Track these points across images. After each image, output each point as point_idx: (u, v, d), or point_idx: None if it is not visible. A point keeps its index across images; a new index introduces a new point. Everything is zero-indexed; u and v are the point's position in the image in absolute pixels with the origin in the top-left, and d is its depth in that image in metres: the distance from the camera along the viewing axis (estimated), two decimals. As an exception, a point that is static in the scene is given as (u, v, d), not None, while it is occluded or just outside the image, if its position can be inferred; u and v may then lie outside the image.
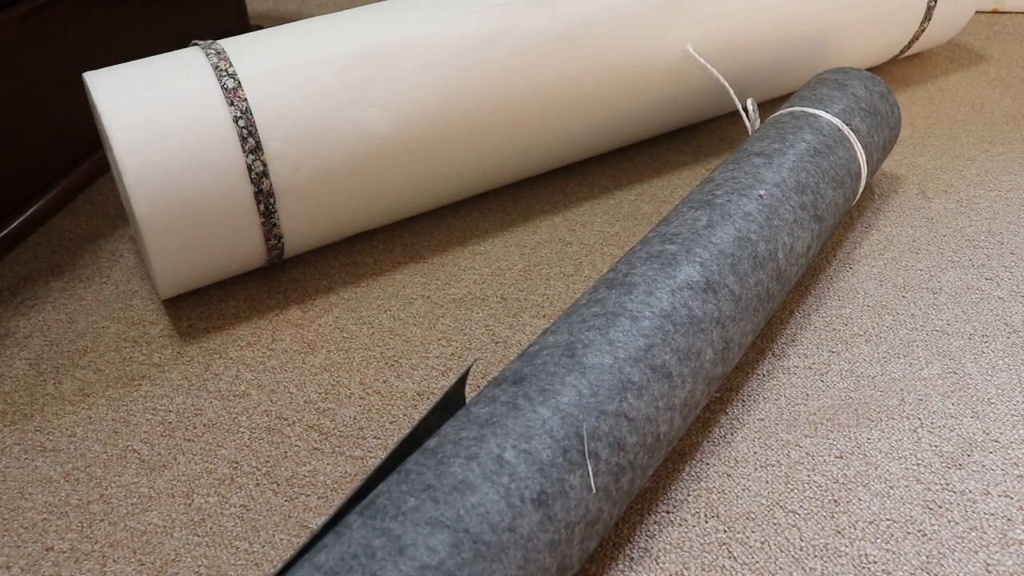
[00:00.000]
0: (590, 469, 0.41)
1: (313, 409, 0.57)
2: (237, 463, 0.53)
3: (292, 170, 0.60)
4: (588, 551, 0.42)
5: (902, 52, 0.93)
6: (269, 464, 0.53)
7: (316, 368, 0.60)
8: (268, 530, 0.49)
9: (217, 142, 0.57)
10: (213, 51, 0.60)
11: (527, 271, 0.69)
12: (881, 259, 0.68)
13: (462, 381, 0.45)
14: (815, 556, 0.46)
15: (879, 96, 0.70)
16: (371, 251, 0.72)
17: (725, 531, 0.48)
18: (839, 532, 0.47)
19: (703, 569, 0.46)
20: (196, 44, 0.62)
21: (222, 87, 0.58)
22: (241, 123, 0.58)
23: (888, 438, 0.53)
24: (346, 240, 0.73)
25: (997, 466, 0.51)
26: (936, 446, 0.52)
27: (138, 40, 0.86)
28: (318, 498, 0.51)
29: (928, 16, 0.88)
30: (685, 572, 0.46)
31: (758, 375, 0.58)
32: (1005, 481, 0.50)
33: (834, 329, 0.61)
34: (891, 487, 0.50)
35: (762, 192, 0.56)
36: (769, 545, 0.47)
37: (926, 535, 0.47)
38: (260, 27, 1.06)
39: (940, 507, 0.49)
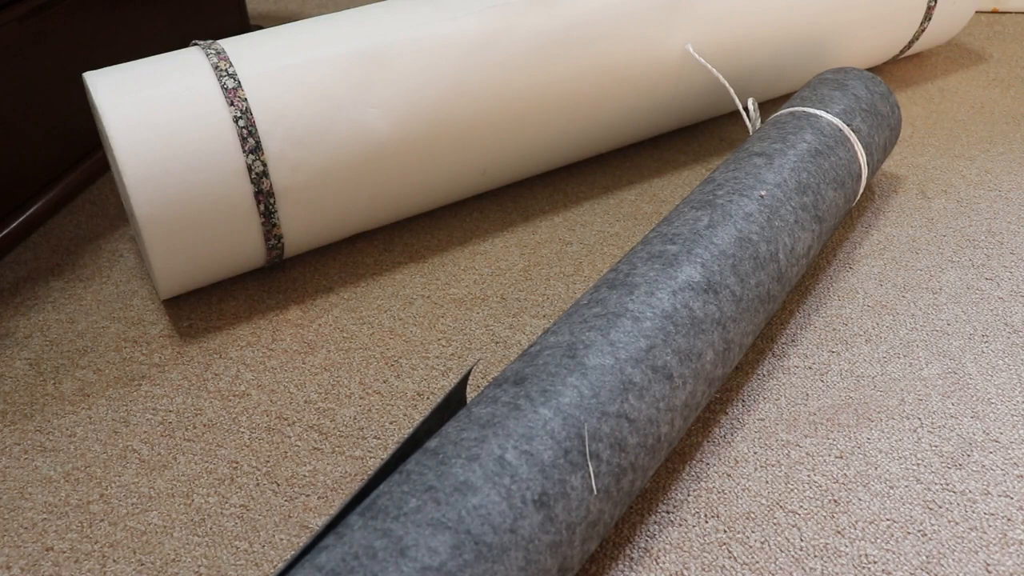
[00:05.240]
0: (591, 470, 0.41)
1: (313, 409, 0.57)
2: (237, 463, 0.53)
3: (292, 170, 0.60)
4: (589, 552, 0.42)
5: (902, 52, 0.93)
6: (269, 464, 0.53)
7: (316, 368, 0.60)
8: (268, 530, 0.49)
9: (217, 142, 0.57)
10: (213, 51, 0.60)
11: (527, 271, 0.69)
12: (881, 259, 0.68)
13: (463, 382, 0.45)
14: (815, 556, 0.46)
15: (880, 96, 0.70)
16: (371, 251, 0.72)
17: (725, 531, 0.48)
18: (839, 532, 0.47)
19: (703, 569, 0.46)
20: (196, 44, 0.62)
21: (222, 87, 0.58)
22: (241, 123, 0.58)
23: (888, 438, 0.53)
24: (346, 240, 0.73)
25: (997, 466, 0.51)
26: (936, 446, 0.52)
27: (138, 40, 0.86)
28: (318, 498, 0.51)
29: (928, 16, 0.88)
30: (685, 572, 0.46)
31: (758, 375, 0.58)
32: (1005, 481, 0.50)
33: (834, 329, 0.62)
34: (891, 487, 0.50)
35: (763, 192, 0.56)
36: (769, 545, 0.47)
37: (926, 535, 0.47)
38: (260, 27, 1.06)
39: (940, 507, 0.49)
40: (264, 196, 0.60)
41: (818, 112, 0.65)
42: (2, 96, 0.71)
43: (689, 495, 0.50)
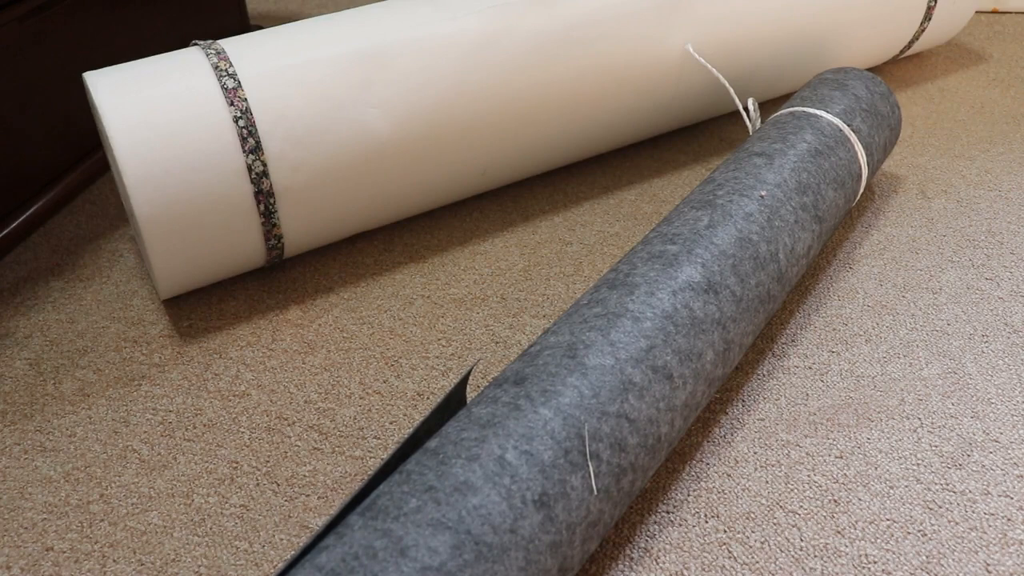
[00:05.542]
0: (591, 470, 0.41)
1: (313, 409, 0.57)
2: (237, 463, 0.53)
3: (292, 170, 0.60)
4: (589, 552, 0.42)
5: (902, 52, 0.93)
6: (269, 464, 0.53)
7: (316, 368, 0.60)
8: (268, 530, 0.49)
9: (217, 142, 0.57)
10: (213, 51, 0.60)
11: (527, 271, 0.69)
12: (881, 259, 0.68)
13: (463, 382, 0.45)
14: (815, 556, 0.46)
15: (880, 97, 0.70)
16: (371, 251, 0.72)
17: (725, 531, 0.48)
18: (839, 532, 0.47)
19: (703, 569, 0.46)
20: (196, 44, 0.62)
21: (222, 87, 0.58)
22: (241, 123, 0.58)
23: (888, 438, 0.53)
24: (346, 240, 0.73)
25: (997, 466, 0.51)
26: (936, 446, 0.52)
27: (138, 40, 0.86)
28: (318, 498, 0.51)
29: (928, 16, 0.88)
30: (685, 572, 0.46)
31: (758, 375, 0.58)
32: (1005, 481, 0.50)
33: (834, 329, 0.62)
34: (891, 487, 0.50)
35: (763, 193, 0.56)
36: (769, 545, 0.47)
37: (926, 535, 0.47)
38: (260, 27, 1.06)
39: (940, 507, 0.49)
40: (264, 196, 0.60)
41: (818, 112, 0.65)
42: (2, 96, 0.71)
43: (689, 495, 0.50)
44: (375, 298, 0.66)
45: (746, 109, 0.85)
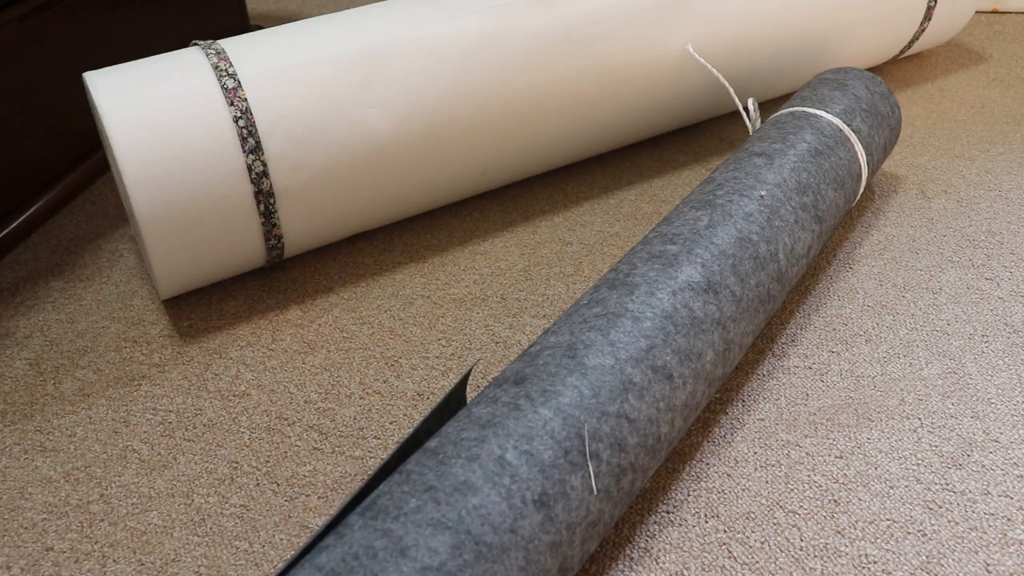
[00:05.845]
0: (591, 470, 0.41)
1: (313, 409, 0.57)
2: (237, 463, 0.53)
3: (292, 170, 0.60)
4: (589, 552, 0.42)
5: (902, 52, 0.93)
6: (269, 464, 0.53)
7: (316, 368, 0.60)
8: (268, 530, 0.49)
9: (217, 142, 0.57)
10: (213, 51, 0.60)
11: (527, 271, 0.69)
12: (881, 259, 0.68)
13: (463, 382, 0.45)
14: (815, 556, 0.46)
15: (880, 97, 0.70)
16: (371, 251, 0.72)
17: (725, 531, 0.48)
18: (839, 532, 0.47)
19: (703, 569, 0.46)
20: (196, 44, 0.62)
21: (222, 87, 0.58)
22: (241, 123, 0.58)
23: (888, 438, 0.53)
24: (346, 240, 0.73)
25: (997, 466, 0.51)
26: (936, 446, 0.52)
27: (138, 40, 0.86)
28: (318, 498, 0.51)
29: (928, 16, 0.88)
30: (685, 572, 0.46)
31: (758, 375, 0.58)
32: (1005, 481, 0.50)
33: (834, 329, 0.62)
34: (891, 487, 0.50)
35: (763, 193, 0.56)
36: (769, 545, 0.47)
37: (926, 535, 0.47)
38: (260, 27, 1.06)
39: (940, 507, 0.49)
40: (264, 196, 0.60)
41: (818, 112, 0.65)
42: (2, 96, 0.71)
43: (689, 495, 0.50)
44: (375, 298, 0.67)
45: (746, 109, 0.85)
